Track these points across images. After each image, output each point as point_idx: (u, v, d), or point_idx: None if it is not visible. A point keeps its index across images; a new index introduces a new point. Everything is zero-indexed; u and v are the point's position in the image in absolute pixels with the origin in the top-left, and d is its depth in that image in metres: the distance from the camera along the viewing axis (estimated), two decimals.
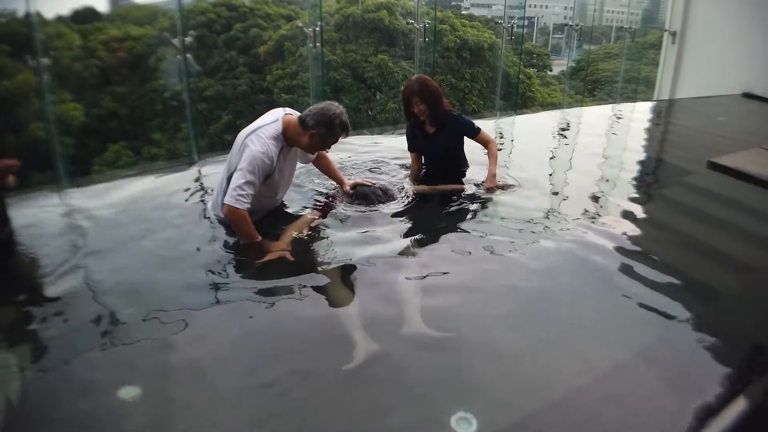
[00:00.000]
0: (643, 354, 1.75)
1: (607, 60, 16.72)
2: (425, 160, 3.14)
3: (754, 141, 4.14)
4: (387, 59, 13.30)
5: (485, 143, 3.00)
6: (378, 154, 3.67)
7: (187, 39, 4.16)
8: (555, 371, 1.64)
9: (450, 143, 3.02)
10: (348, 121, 2.39)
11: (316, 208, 2.69)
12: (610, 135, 4.97)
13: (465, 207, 2.78)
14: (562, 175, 3.50)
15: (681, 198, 3.29)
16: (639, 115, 6.14)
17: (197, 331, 1.78)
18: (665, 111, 6.40)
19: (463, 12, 18.46)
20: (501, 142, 4.37)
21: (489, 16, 17.64)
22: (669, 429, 1.45)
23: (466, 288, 2.09)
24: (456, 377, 1.60)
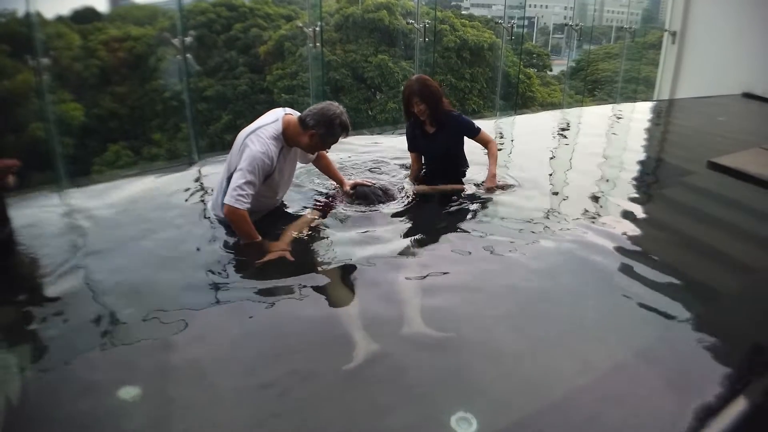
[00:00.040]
0: (643, 354, 1.75)
1: (607, 60, 16.72)
2: (425, 160, 3.14)
3: (754, 141, 4.14)
4: (387, 59, 13.30)
5: (485, 143, 3.00)
6: (378, 154, 3.67)
7: (187, 39, 4.17)
8: (555, 371, 1.64)
9: (450, 143, 3.02)
10: (348, 121, 2.39)
11: (316, 208, 2.69)
12: (610, 135, 4.97)
13: (465, 207, 2.78)
14: (562, 175, 3.50)
15: (681, 198, 3.29)
16: (639, 115, 6.14)
17: (197, 331, 1.78)
18: (665, 111, 6.40)
19: (463, 12, 18.46)
20: (501, 142, 4.37)
21: (489, 16, 17.64)
22: (669, 429, 1.45)
23: (466, 288, 2.09)
24: (456, 377, 1.60)
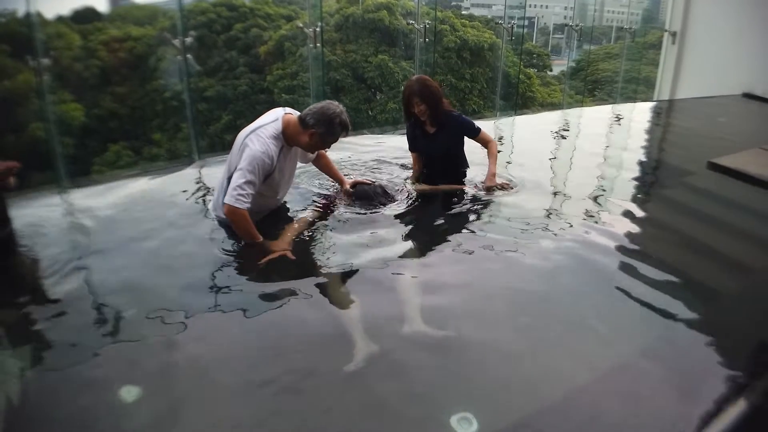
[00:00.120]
0: (644, 354, 1.75)
1: (608, 60, 16.71)
2: (425, 160, 3.14)
3: (754, 141, 4.14)
4: (387, 59, 13.30)
5: (485, 143, 3.00)
6: (378, 153, 3.67)
7: (188, 39, 4.17)
8: (555, 371, 1.64)
9: (450, 143, 3.02)
10: (348, 120, 2.39)
11: (316, 208, 2.69)
12: (610, 135, 4.97)
13: (465, 207, 2.79)
14: (562, 175, 3.50)
15: (681, 198, 3.29)
16: (639, 116, 6.14)
17: (198, 331, 1.78)
18: (665, 111, 6.39)
19: (464, 12, 18.43)
20: (501, 142, 4.37)
21: (489, 16, 17.62)
22: (669, 429, 1.45)
23: (466, 288, 2.09)
24: (456, 377, 1.60)
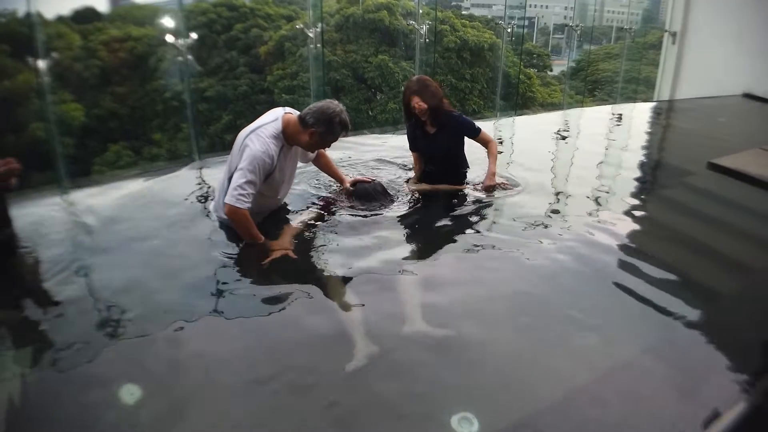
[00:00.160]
0: (643, 354, 1.75)
1: (608, 60, 16.73)
2: (425, 160, 3.14)
3: (754, 142, 4.14)
4: (387, 60, 13.31)
5: (485, 143, 3.00)
6: (378, 153, 3.67)
7: (188, 40, 4.17)
8: (555, 371, 1.64)
9: (450, 143, 3.02)
10: (347, 119, 2.38)
11: (316, 208, 2.69)
12: (610, 135, 4.97)
13: (465, 207, 2.79)
14: (562, 176, 3.50)
15: (681, 198, 3.29)
16: (639, 116, 6.15)
17: (198, 332, 1.78)
18: (665, 111, 6.40)
19: (464, 12, 18.45)
20: (501, 142, 4.37)
21: (489, 16, 17.64)
22: (669, 429, 1.45)
23: (466, 288, 2.09)
24: (456, 377, 1.60)
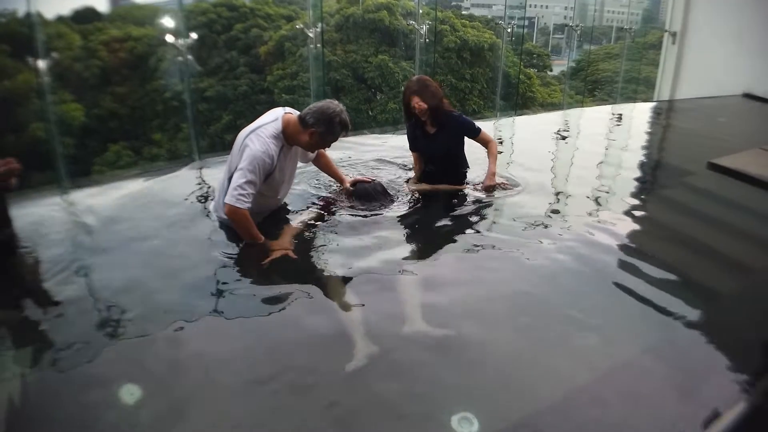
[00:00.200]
0: (644, 354, 1.75)
1: (608, 60, 16.73)
2: (425, 160, 3.14)
3: (754, 142, 4.14)
4: (387, 60, 13.31)
5: (485, 143, 3.00)
6: (379, 153, 3.67)
7: (188, 40, 4.18)
8: (555, 371, 1.64)
9: (450, 143, 3.02)
10: (347, 119, 2.38)
11: (316, 208, 2.69)
12: (610, 135, 4.97)
13: (466, 207, 2.79)
14: (562, 176, 3.50)
15: (681, 198, 3.29)
16: (639, 116, 6.15)
17: (198, 332, 1.78)
18: (665, 111, 6.40)
19: (464, 12, 18.46)
20: (501, 142, 4.37)
21: (489, 16, 17.64)
22: (669, 429, 1.45)
23: (466, 288, 2.09)
24: (457, 377, 1.60)
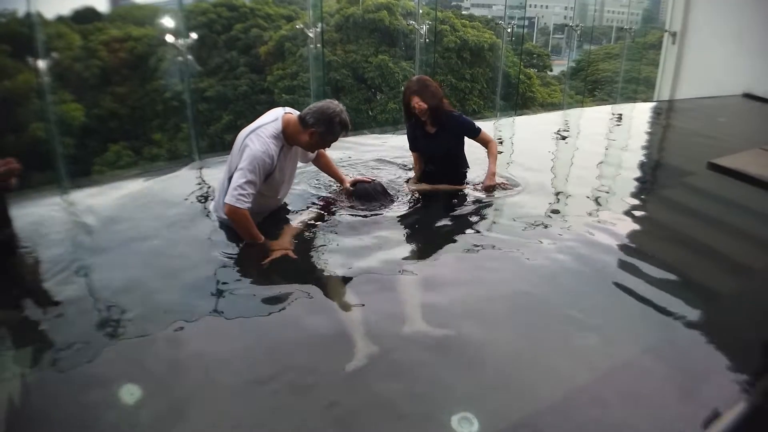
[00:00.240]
0: (643, 354, 1.75)
1: (608, 60, 16.73)
2: (425, 160, 3.14)
3: (754, 142, 4.14)
4: (387, 60, 13.31)
5: (485, 143, 3.00)
6: (379, 153, 3.67)
7: (188, 40, 4.18)
8: (555, 371, 1.64)
9: (451, 143, 3.03)
10: (347, 119, 2.38)
11: (316, 208, 2.69)
12: (610, 135, 4.97)
13: (466, 207, 2.79)
14: (563, 176, 3.50)
15: (681, 198, 3.29)
16: (639, 116, 6.15)
17: (198, 332, 1.78)
18: (665, 111, 6.40)
19: (464, 12, 18.46)
20: (501, 142, 4.37)
21: (489, 16, 17.64)
22: (669, 429, 1.45)
23: (466, 288, 2.10)
24: (456, 377, 1.60)
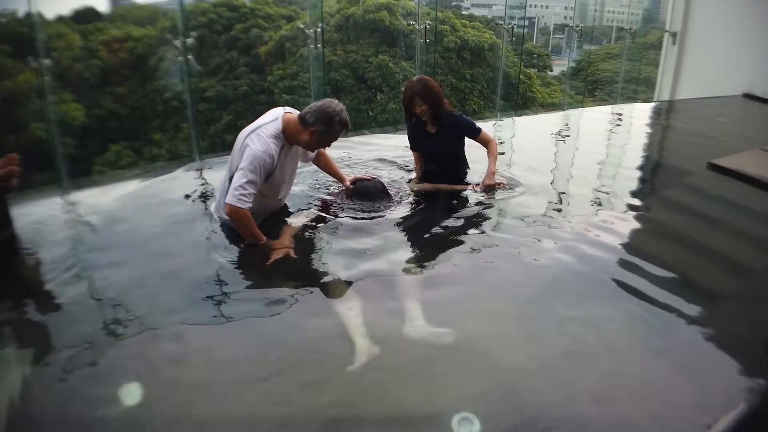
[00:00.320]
0: (643, 354, 1.75)
1: (608, 60, 16.71)
2: (426, 160, 3.14)
3: (754, 142, 4.15)
4: (387, 60, 13.30)
5: (486, 143, 3.01)
6: (379, 153, 3.67)
7: (189, 40, 4.18)
8: (556, 371, 1.64)
9: (451, 143, 3.03)
10: (348, 119, 2.38)
11: (316, 208, 2.70)
12: (610, 136, 4.97)
13: (466, 207, 2.79)
14: (563, 176, 3.50)
15: (681, 199, 3.30)
16: (639, 116, 6.14)
17: (198, 332, 1.79)
18: (665, 112, 6.39)
19: (464, 12, 18.45)
20: (501, 142, 4.37)
21: (489, 16, 17.63)
22: (669, 429, 1.45)
23: (468, 287, 2.10)
24: (457, 377, 1.60)
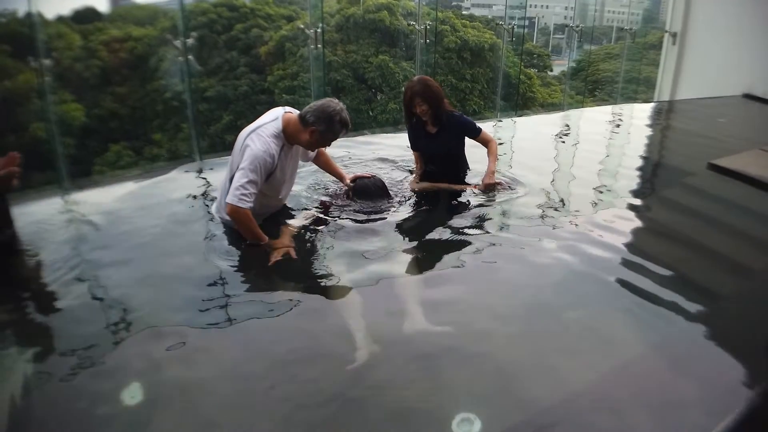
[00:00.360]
0: (644, 354, 1.75)
1: (608, 60, 16.70)
2: (426, 160, 3.15)
3: (754, 142, 4.15)
4: (388, 60, 13.30)
5: (486, 143, 3.01)
6: (379, 153, 3.68)
7: (189, 40, 4.18)
8: (556, 371, 1.64)
9: (451, 143, 3.03)
10: (348, 118, 2.38)
11: (316, 208, 2.70)
12: (610, 136, 4.97)
13: (467, 207, 2.79)
14: (563, 176, 3.50)
15: (681, 199, 3.30)
16: (639, 116, 6.14)
17: (199, 332, 1.79)
18: (666, 112, 6.40)
19: (464, 12, 18.44)
20: (502, 143, 4.37)
21: (490, 16, 17.62)
22: (669, 430, 1.45)
23: (468, 287, 2.10)
24: (458, 377, 1.60)
